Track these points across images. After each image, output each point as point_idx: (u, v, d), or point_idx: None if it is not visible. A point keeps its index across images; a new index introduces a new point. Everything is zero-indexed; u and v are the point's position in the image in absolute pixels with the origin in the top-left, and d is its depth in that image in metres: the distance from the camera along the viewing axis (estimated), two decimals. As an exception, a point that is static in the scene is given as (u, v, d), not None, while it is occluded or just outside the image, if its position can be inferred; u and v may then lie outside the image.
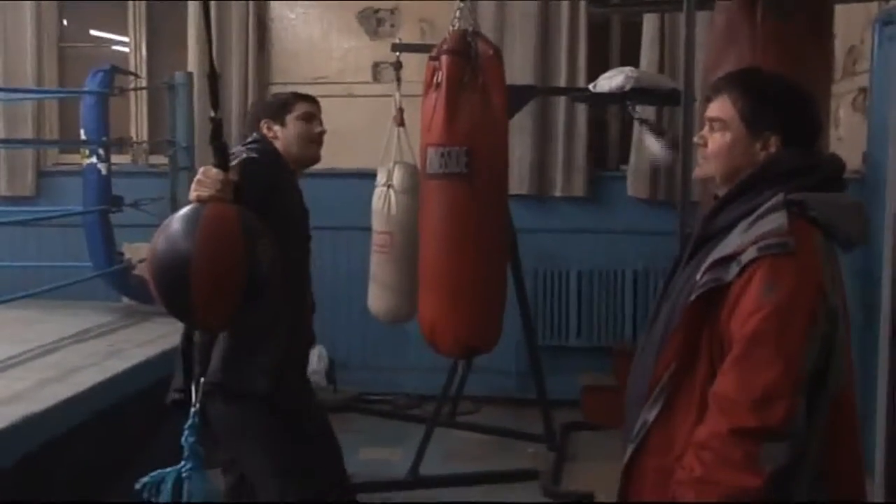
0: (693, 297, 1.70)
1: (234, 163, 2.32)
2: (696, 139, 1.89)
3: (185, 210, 2.07)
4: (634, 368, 1.89)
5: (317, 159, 2.75)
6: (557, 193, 5.64)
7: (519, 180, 5.48)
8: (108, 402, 3.33)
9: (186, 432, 2.26)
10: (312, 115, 2.73)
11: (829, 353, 1.63)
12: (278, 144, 2.66)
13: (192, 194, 2.10)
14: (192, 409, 2.27)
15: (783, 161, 1.76)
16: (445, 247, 4.03)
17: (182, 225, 2.03)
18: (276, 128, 2.68)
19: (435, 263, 4.06)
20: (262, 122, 2.68)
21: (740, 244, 1.67)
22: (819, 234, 1.69)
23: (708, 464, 1.61)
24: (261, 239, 2.07)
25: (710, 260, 1.71)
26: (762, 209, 1.70)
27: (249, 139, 2.66)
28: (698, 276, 1.71)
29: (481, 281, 4.07)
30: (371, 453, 4.63)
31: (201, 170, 2.14)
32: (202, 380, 2.34)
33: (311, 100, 2.78)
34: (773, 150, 1.78)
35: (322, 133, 2.75)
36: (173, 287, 2.02)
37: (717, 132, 1.83)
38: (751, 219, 1.71)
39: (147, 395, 3.60)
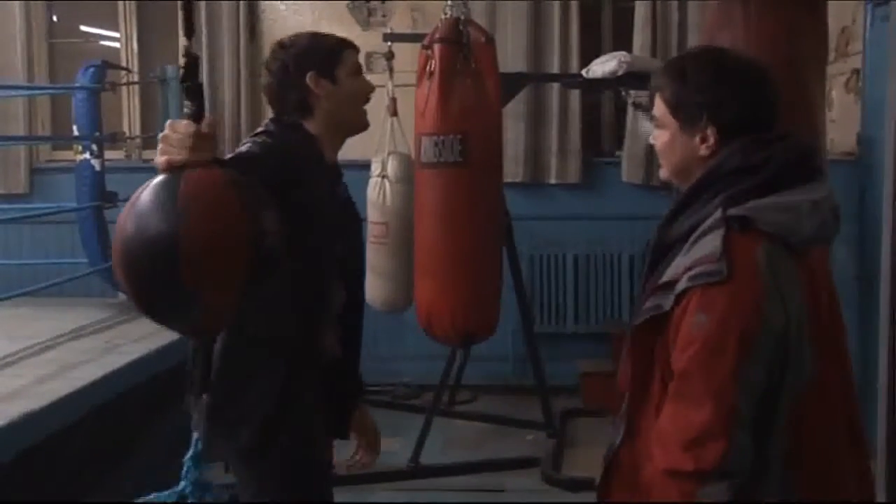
0: (636, 324, 1.61)
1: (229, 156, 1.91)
2: (650, 139, 1.76)
3: (156, 181, 1.56)
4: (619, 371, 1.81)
5: (366, 125, 2.23)
6: (552, 180, 5.63)
7: (513, 168, 5.47)
8: (106, 397, 3.33)
9: (188, 463, 1.88)
10: (360, 68, 2.19)
11: (782, 367, 1.52)
12: (323, 107, 2.10)
13: (160, 158, 1.57)
14: (194, 436, 1.90)
15: (724, 163, 1.59)
16: (441, 234, 4.04)
17: (155, 200, 1.54)
18: (326, 83, 2.09)
19: (431, 251, 4.07)
20: (309, 75, 2.08)
21: (677, 271, 1.55)
22: (763, 246, 1.53)
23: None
24: (265, 208, 1.63)
25: (655, 284, 1.61)
26: (704, 226, 1.56)
27: (260, 128, 2.09)
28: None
29: (478, 267, 4.07)
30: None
31: (168, 124, 1.60)
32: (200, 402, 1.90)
33: (356, 48, 2.19)
34: (711, 142, 1.61)
35: (372, 90, 2.23)
36: (159, 279, 1.54)
37: (658, 130, 1.69)
38: (694, 236, 1.58)
39: (144, 391, 3.60)
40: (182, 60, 1.67)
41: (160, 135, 1.59)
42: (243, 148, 1.98)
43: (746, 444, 1.49)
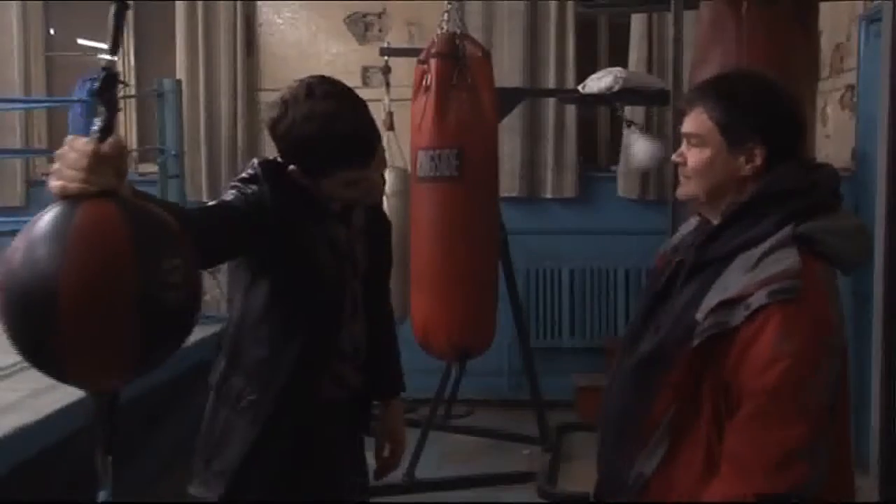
0: (695, 343, 1.54)
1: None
2: (674, 157, 1.75)
3: (55, 209, 1.32)
4: (609, 402, 1.75)
5: (381, 196, 2.17)
6: (548, 195, 5.64)
7: (509, 182, 5.48)
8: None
9: None
10: (362, 179, 1.95)
11: (840, 384, 1.53)
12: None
13: (53, 183, 1.32)
14: (100, 497, 1.73)
15: (780, 182, 1.60)
16: (438, 248, 4.05)
17: (49, 231, 1.29)
18: (309, 181, 1.92)
19: (427, 265, 4.07)
20: (294, 169, 1.90)
21: (746, 285, 1.51)
22: (824, 265, 1.57)
23: None
24: (166, 256, 1.34)
25: (712, 301, 1.55)
26: (769, 244, 1.55)
27: (247, 172, 1.91)
28: (699, 317, 1.54)
29: (474, 281, 4.08)
30: (367, 458, 4.61)
31: (67, 140, 1.34)
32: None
33: (364, 156, 1.91)
34: (758, 162, 1.61)
35: (380, 188, 2.09)
36: (34, 323, 1.31)
37: (695, 148, 1.67)
38: (756, 253, 1.55)
39: (138, 404, 3.59)
40: (102, 73, 1.47)
41: (56, 153, 1.33)
42: (228, 197, 1.85)
43: (826, 462, 1.49)
